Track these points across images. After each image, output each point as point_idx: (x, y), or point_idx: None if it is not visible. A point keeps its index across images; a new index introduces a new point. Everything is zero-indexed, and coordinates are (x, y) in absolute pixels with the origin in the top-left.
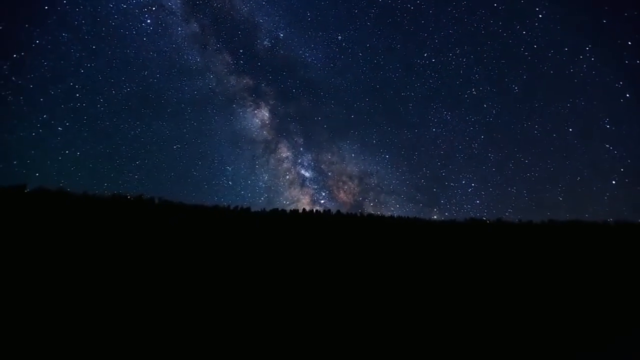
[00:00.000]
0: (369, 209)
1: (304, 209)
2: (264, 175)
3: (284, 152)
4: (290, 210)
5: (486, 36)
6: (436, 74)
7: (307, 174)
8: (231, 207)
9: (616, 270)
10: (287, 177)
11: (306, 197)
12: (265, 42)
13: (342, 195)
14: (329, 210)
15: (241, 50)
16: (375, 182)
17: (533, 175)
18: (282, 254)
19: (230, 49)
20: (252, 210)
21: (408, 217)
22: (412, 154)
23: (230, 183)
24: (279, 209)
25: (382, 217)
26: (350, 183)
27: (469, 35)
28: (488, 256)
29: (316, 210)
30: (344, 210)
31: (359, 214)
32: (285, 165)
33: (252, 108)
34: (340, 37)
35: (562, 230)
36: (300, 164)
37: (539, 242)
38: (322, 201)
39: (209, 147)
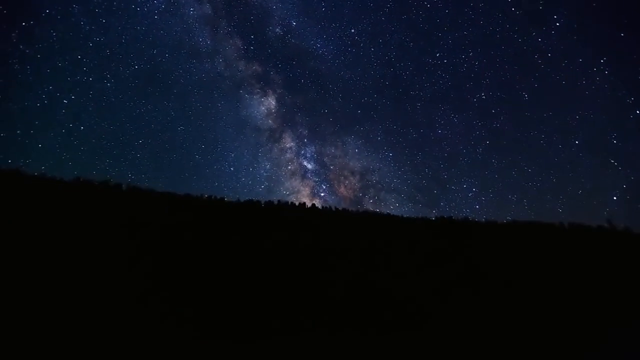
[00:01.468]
0: (369, 205)
1: (279, 201)
2: (265, 163)
3: (288, 142)
4: (265, 202)
5: (500, 40)
6: (447, 75)
7: (309, 166)
8: (205, 197)
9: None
10: (289, 167)
11: (306, 188)
12: (277, 30)
13: (342, 189)
14: (304, 203)
15: (252, 36)
16: (377, 179)
17: (535, 184)
18: (257, 246)
19: (241, 34)
20: (227, 200)
21: (382, 213)
22: (415, 153)
23: (231, 169)
24: (254, 200)
25: (356, 212)
26: (351, 178)
27: (483, 38)
28: (449, 253)
29: (291, 203)
30: (343, 205)
31: (334, 209)
32: (288, 155)
33: (259, 95)
34: (353, 31)
35: (524, 229)
36: (303, 155)
37: (504, 241)
38: (322, 194)
39: (212, 131)
